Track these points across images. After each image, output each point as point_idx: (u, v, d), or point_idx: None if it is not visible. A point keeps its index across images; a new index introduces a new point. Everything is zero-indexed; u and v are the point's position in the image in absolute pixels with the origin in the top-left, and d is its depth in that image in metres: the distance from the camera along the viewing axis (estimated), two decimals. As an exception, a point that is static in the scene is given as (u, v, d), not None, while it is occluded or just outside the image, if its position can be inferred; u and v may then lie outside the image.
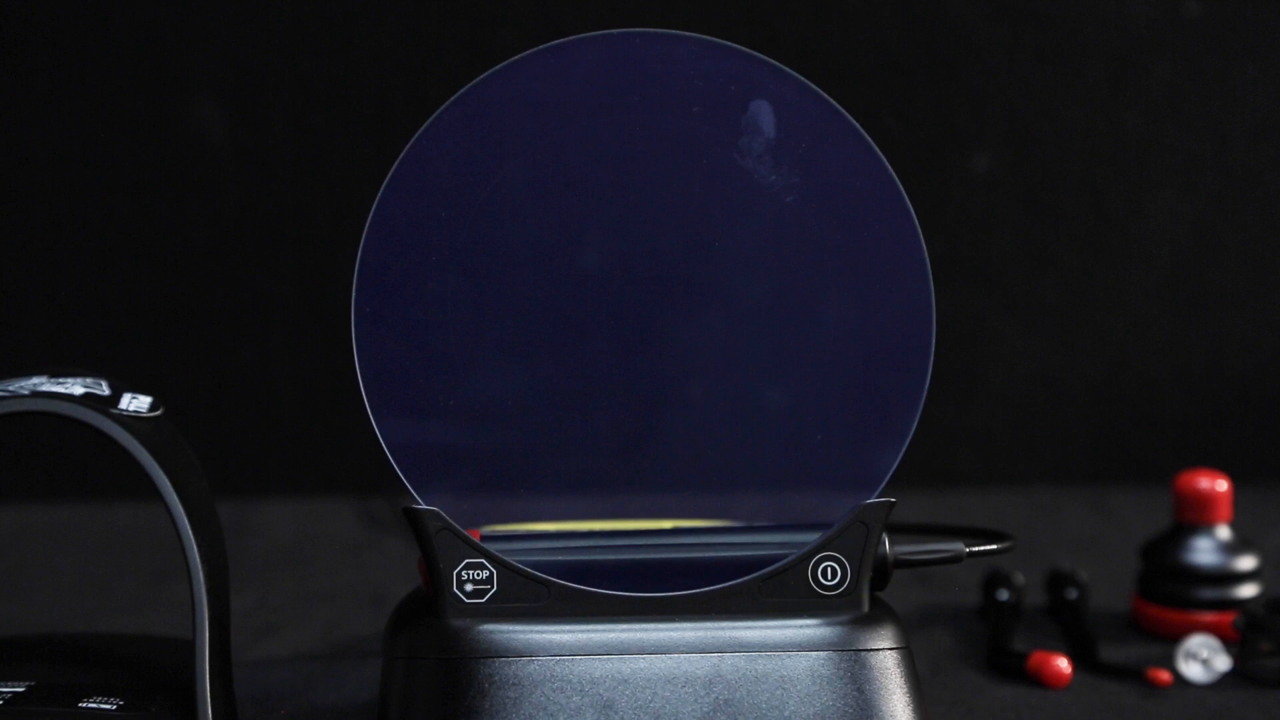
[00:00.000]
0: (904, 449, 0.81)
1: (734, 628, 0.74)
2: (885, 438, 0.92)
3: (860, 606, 0.77)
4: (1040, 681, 0.92)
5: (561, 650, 0.74)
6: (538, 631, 0.74)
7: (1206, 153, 1.39)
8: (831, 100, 0.78)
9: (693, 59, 0.78)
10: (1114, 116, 1.39)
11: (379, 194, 0.77)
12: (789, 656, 0.74)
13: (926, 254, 0.78)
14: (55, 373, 0.77)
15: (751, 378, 0.84)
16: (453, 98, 0.78)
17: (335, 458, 1.39)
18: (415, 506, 0.75)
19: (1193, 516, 1.01)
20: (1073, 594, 1.04)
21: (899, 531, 0.86)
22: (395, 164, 0.77)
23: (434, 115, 0.77)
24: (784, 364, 0.83)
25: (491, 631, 0.74)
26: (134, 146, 1.37)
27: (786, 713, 0.73)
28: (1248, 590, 0.99)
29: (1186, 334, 1.38)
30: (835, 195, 0.80)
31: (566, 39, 0.78)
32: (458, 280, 0.79)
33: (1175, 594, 0.99)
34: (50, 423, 0.75)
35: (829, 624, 0.74)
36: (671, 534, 0.81)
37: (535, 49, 0.78)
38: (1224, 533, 1.00)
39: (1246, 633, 0.94)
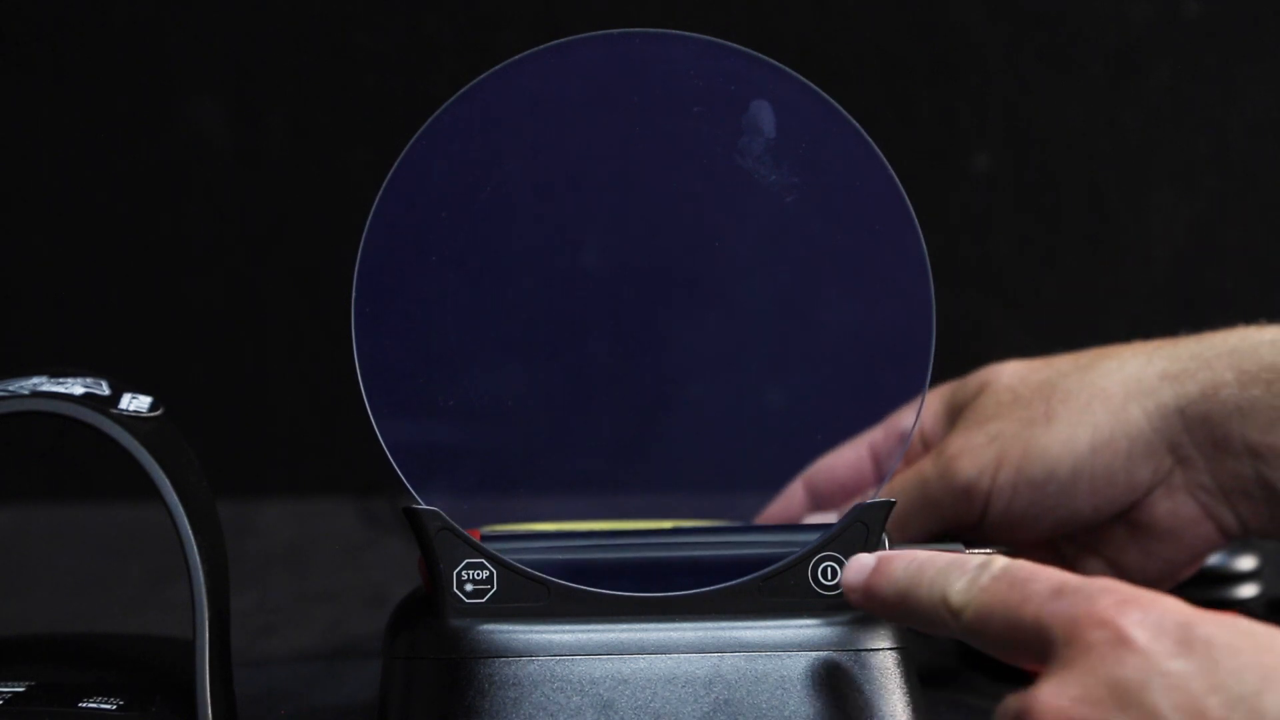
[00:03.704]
0: (904, 448, 0.81)
1: (734, 628, 0.74)
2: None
3: (860, 606, 0.77)
4: (1040, 681, 0.92)
5: (561, 650, 0.74)
6: (538, 631, 0.74)
7: (1206, 153, 1.39)
8: (831, 100, 0.78)
9: (693, 59, 0.78)
10: (1114, 116, 1.39)
11: (379, 194, 0.77)
12: (789, 656, 0.74)
13: (926, 254, 0.78)
14: (55, 373, 0.77)
15: (751, 378, 0.84)
16: (453, 98, 0.78)
17: (335, 458, 1.39)
18: (415, 506, 0.75)
19: (1193, 516, 1.00)
20: (1073, 594, 1.04)
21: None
22: (395, 164, 0.77)
23: (434, 115, 0.77)
24: (784, 364, 0.83)
25: (491, 631, 0.74)
26: (134, 146, 1.37)
27: (786, 713, 0.73)
28: (1248, 590, 0.99)
29: (1186, 334, 1.38)
30: (835, 195, 0.80)
31: (566, 39, 0.78)
32: (458, 280, 0.79)
33: (1175, 594, 0.99)
34: (50, 423, 0.75)
35: (829, 624, 0.74)
36: (671, 534, 0.81)
37: (535, 49, 0.78)
38: (1224, 533, 1.00)
39: (1246, 633, 0.94)
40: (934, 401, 0.90)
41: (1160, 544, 0.86)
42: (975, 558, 0.67)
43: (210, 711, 0.74)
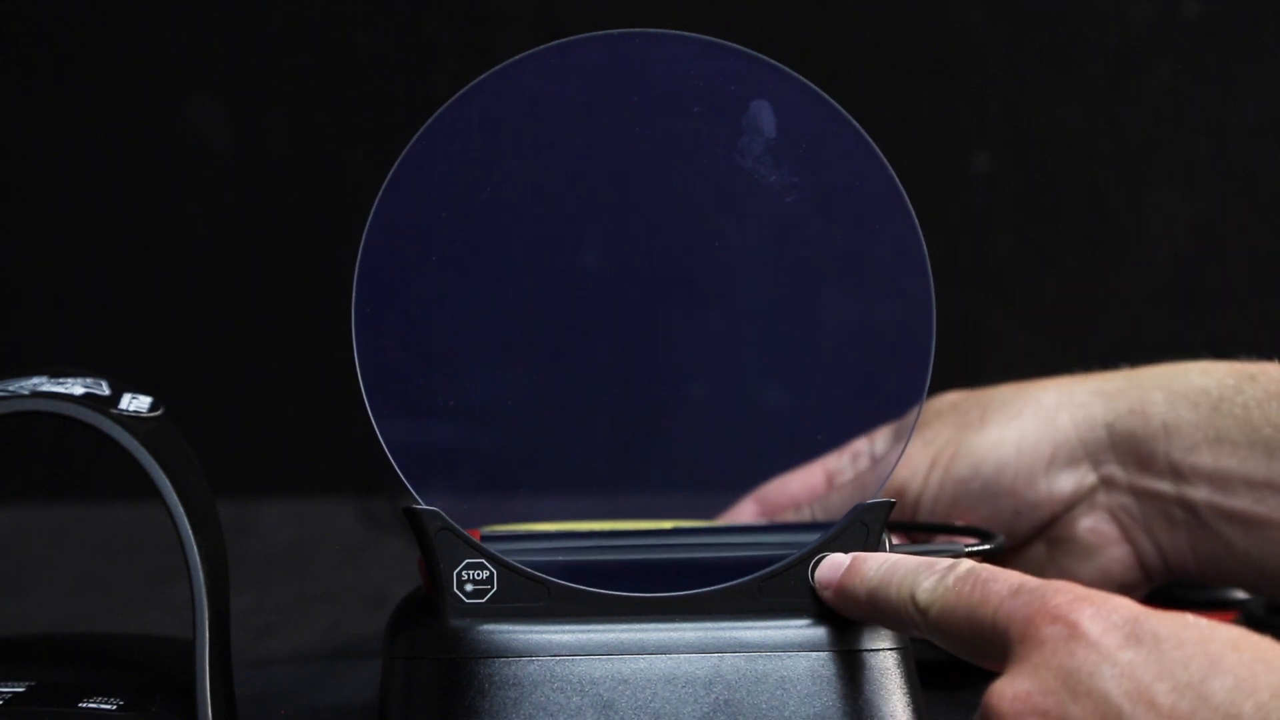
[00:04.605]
0: (904, 448, 0.81)
1: (734, 628, 0.74)
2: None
3: (860, 606, 0.77)
4: (1040, 681, 0.92)
5: (561, 650, 0.74)
6: (538, 631, 0.74)
7: (1206, 153, 1.39)
8: (831, 100, 0.78)
9: (693, 59, 0.78)
10: (1114, 116, 1.39)
11: (379, 194, 0.77)
12: (789, 656, 0.74)
13: (926, 254, 0.78)
14: (55, 373, 0.77)
15: (751, 378, 0.84)
16: (453, 98, 0.78)
17: (335, 458, 1.39)
18: (415, 506, 0.75)
19: (1193, 516, 1.00)
20: (1073, 594, 1.04)
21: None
22: (395, 164, 0.77)
23: (434, 115, 0.77)
24: (784, 364, 0.83)
25: (491, 632, 0.74)
26: (134, 146, 1.37)
27: (786, 713, 0.73)
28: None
29: (1186, 334, 1.38)
30: (835, 195, 0.80)
31: (566, 39, 0.78)
32: (458, 280, 0.79)
33: (1174, 594, 0.99)
34: (50, 423, 0.75)
35: (829, 624, 0.74)
36: (671, 534, 0.81)
37: (535, 49, 0.78)
38: (1224, 533, 1.00)
39: (1246, 633, 0.94)
40: (886, 427, 0.91)
41: (1077, 563, 0.88)
42: (945, 560, 0.69)
43: (210, 711, 0.74)
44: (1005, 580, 0.65)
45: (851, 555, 0.74)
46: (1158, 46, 1.38)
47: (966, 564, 0.68)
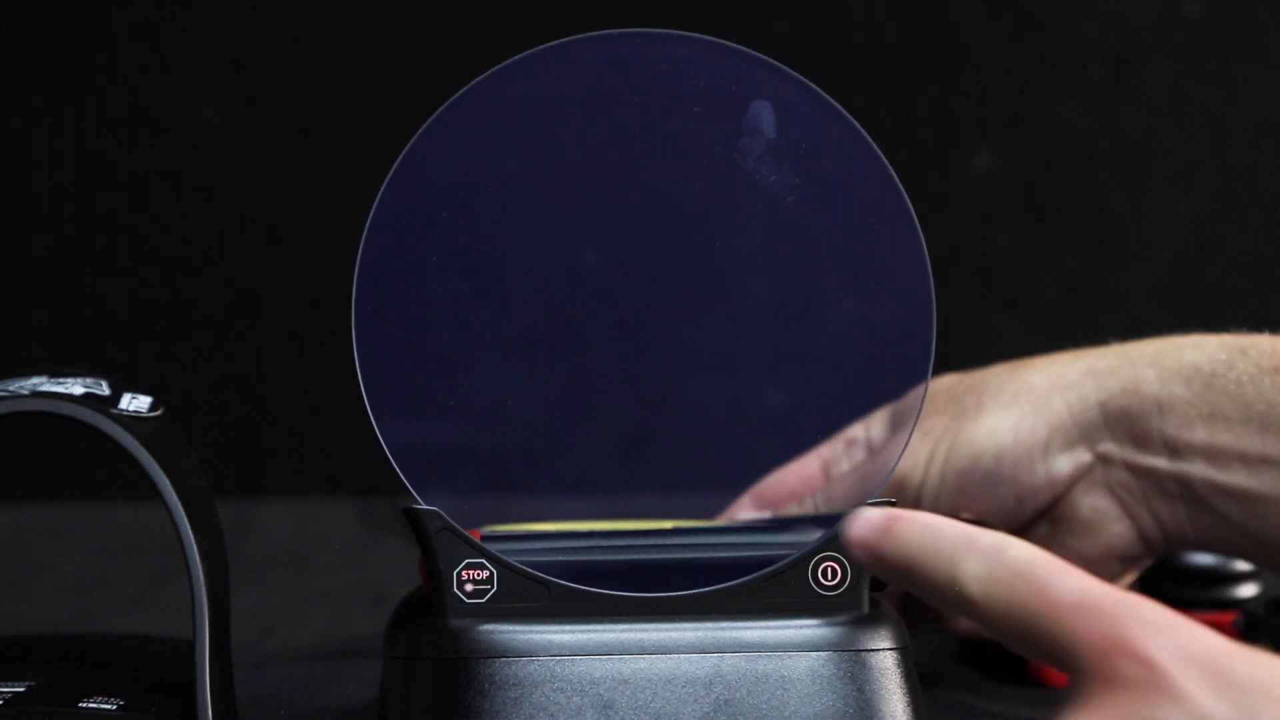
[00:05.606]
0: (904, 448, 0.81)
1: (734, 628, 0.74)
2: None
3: (860, 607, 0.76)
4: (1041, 681, 0.92)
5: (561, 650, 0.74)
6: (538, 631, 0.74)
7: (1206, 153, 1.39)
8: (831, 100, 0.78)
9: (693, 59, 0.78)
10: (1114, 116, 1.39)
11: (379, 194, 0.77)
12: (789, 657, 0.74)
13: (926, 254, 0.78)
14: (55, 373, 0.77)
15: (751, 378, 0.84)
16: (452, 98, 0.78)
17: (335, 458, 1.39)
18: (415, 506, 0.75)
19: (1193, 516, 1.00)
20: (1073, 594, 1.04)
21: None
22: (395, 164, 0.77)
23: (434, 115, 0.77)
24: (784, 364, 0.83)
25: (491, 632, 0.74)
26: (134, 146, 1.37)
27: (786, 713, 0.73)
28: (1248, 590, 0.99)
29: (1186, 334, 1.38)
30: (835, 195, 0.80)
31: (566, 39, 0.78)
32: (458, 280, 0.79)
33: (1174, 594, 0.99)
34: (50, 423, 0.75)
35: (829, 624, 0.74)
36: (671, 534, 0.81)
37: (535, 49, 0.78)
38: (1224, 533, 1.00)
39: (1246, 633, 0.94)
40: (880, 413, 0.91)
41: (1080, 540, 0.88)
42: (988, 537, 0.62)
43: (210, 711, 0.74)
44: (1070, 587, 0.60)
45: (887, 514, 0.64)
46: (1158, 46, 1.38)
47: (1016, 549, 0.61)
